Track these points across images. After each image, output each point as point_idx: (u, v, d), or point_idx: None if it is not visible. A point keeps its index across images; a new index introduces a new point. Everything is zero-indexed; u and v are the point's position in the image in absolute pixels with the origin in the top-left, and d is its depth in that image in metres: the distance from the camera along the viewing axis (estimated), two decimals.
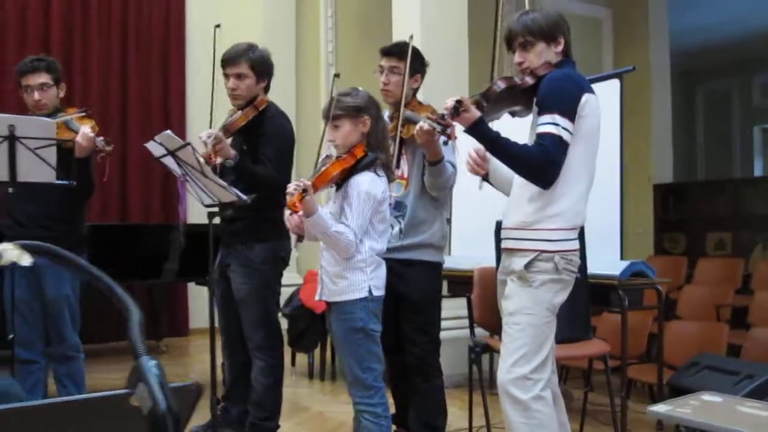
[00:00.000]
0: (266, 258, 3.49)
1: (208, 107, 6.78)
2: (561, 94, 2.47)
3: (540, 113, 2.48)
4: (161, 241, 5.68)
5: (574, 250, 2.55)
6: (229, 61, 3.52)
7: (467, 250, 5.02)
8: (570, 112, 2.45)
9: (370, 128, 2.78)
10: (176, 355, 6.55)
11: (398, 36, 4.89)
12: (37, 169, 3.11)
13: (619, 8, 8.99)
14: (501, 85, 2.55)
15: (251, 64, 3.50)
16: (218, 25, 3.83)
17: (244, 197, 3.09)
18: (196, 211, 6.81)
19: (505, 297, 2.60)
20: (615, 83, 4.27)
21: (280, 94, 3.81)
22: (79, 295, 3.63)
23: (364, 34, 7.32)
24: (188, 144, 3.04)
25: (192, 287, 7.10)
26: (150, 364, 1.02)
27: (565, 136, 2.43)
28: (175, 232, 5.72)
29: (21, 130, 3.05)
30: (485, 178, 2.82)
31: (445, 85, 4.60)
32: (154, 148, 3.15)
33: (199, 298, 7.07)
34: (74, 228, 3.64)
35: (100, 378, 4.89)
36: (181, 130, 7.03)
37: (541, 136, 2.44)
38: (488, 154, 2.69)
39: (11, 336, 3.45)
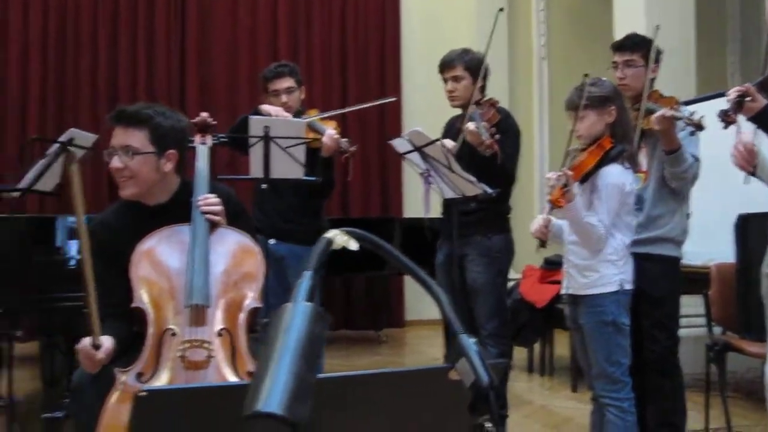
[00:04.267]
0: (503, 248, 3.61)
1: (422, 105, 7.04)
2: None
3: None
4: (383, 234, 5.88)
5: None
6: (445, 65, 3.68)
7: (698, 246, 4.82)
8: None
9: (616, 119, 2.77)
10: (395, 346, 6.79)
11: (621, 30, 4.78)
12: (287, 166, 3.36)
13: None
14: None
15: (466, 65, 3.63)
16: (501, 9, 3.95)
17: (490, 190, 3.19)
18: (413, 205, 7.12)
19: None
20: None
21: (493, 87, 3.87)
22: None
23: (577, 27, 7.22)
24: (437, 140, 3.18)
25: (408, 279, 7.31)
26: (469, 341, 1.09)
27: None
28: (394, 224, 5.93)
29: (274, 130, 3.30)
30: (752, 172, 2.72)
31: (672, 80, 4.45)
32: (399, 144, 3.32)
33: (415, 291, 7.27)
34: (316, 222, 3.89)
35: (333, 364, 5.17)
36: (395, 131, 7.28)
37: None
38: (756, 148, 2.59)
39: (265, 320, 3.74)
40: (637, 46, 3.27)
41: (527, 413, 4.34)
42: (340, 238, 1.22)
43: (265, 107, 3.73)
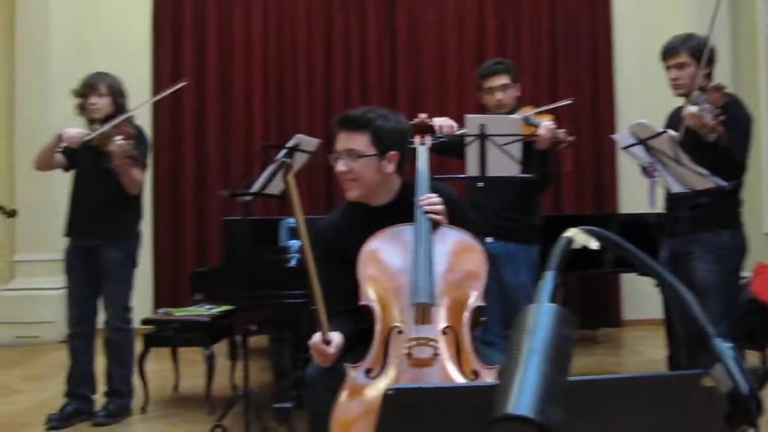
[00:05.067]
0: (733, 245, 3.38)
1: (637, 97, 6.76)
2: None
3: None
4: None
5: None
6: (668, 51, 3.51)
7: None
8: None
9: None
10: (612, 346, 6.56)
11: None
12: (504, 163, 3.35)
13: None
14: None
15: (691, 52, 3.44)
16: None
17: (725, 183, 3.00)
18: (628, 200, 6.85)
19: None
20: None
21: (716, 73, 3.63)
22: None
23: None
24: (664, 132, 3.04)
25: (625, 277, 7.04)
26: (725, 346, 1.02)
27: None
28: (610, 220, 5.73)
29: (490, 128, 3.30)
30: None
31: None
32: (622, 138, 3.22)
33: (632, 289, 7.00)
34: (529, 219, 3.85)
35: None
36: (609, 125, 7.04)
37: None
38: None
39: (483, 319, 3.75)
40: None
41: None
42: (580, 237, 1.19)
43: (436, 120, 3.53)
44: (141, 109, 6.72)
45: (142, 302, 6.82)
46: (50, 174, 4.58)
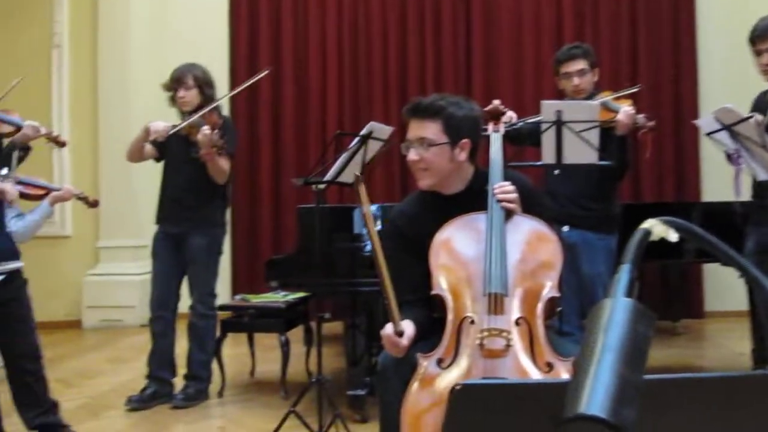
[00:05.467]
0: None
1: (721, 81, 6.52)
2: None
3: None
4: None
5: None
6: (759, 36, 3.35)
7: None
8: None
9: None
10: (693, 338, 6.37)
11: None
12: (581, 151, 3.27)
13: None
14: None
15: None
16: None
17: None
18: (712, 188, 6.63)
19: None
20: None
21: None
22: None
23: None
24: (750, 117, 2.92)
25: (708, 267, 6.82)
26: None
27: None
28: (692, 209, 5.56)
29: (567, 114, 3.22)
30: None
31: None
32: (706, 124, 3.11)
33: (715, 279, 6.78)
34: (607, 207, 3.76)
35: None
36: (692, 110, 6.81)
37: None
38: None
39: (559, 309, 3.69)
40: None
41: None
42: (658, 228, 1.15)
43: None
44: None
45: (219, 288, 6.98)
46: (132, 164, 4.70)
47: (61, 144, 4.15)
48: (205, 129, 3.99)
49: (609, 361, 0.82)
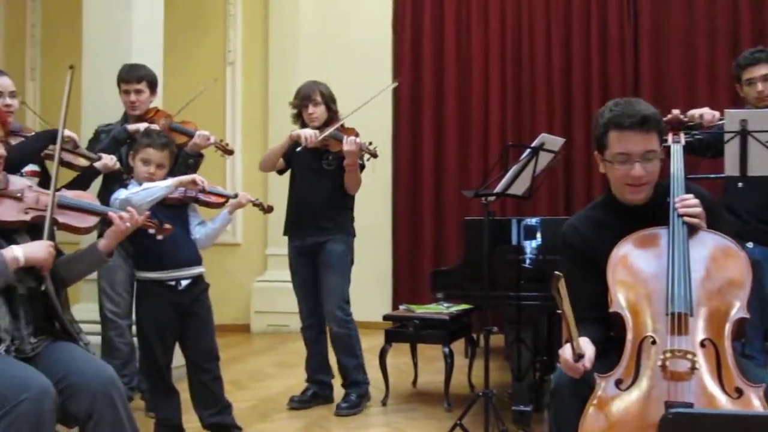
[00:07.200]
0: None
1: None
2: None
3: None
4: None
5: None
6: None
7: None
8: None
9: None
10: None
11: None
12: (767, 162, 3.06)
13: None
14: None
15: None
16: None
17: None
18: None
19: None
20: None
21: None
22: None
23: None
24: None
25: None
26: None
27: None
28: None
29: (753, 124, 3.03)
30: None
31: None
32: None
33: None
34: None
35: None
36: None
37: None
38: None
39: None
40: None
41: None
42: None
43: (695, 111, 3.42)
44: (382, 111, 7.05)
45: (380, 298, 7.09)
46: None
47: (229, 152, 4.36)
48: (356, 139, 4.10)
49: None
